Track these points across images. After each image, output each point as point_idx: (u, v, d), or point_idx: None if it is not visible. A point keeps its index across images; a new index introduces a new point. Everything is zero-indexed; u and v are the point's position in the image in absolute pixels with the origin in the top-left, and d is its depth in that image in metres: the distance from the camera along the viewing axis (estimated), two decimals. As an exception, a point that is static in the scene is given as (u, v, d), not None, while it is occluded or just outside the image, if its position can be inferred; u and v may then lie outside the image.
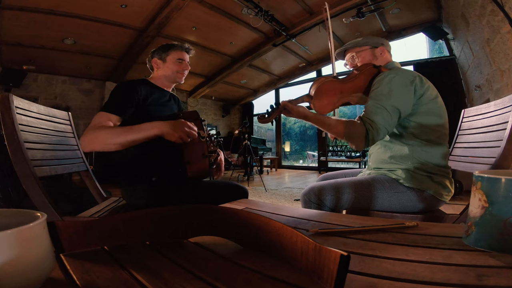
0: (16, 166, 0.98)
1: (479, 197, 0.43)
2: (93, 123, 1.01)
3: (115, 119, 1.04)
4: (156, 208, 0.46)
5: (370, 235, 0.51)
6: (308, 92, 1.10)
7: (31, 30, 4.18)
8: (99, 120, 1.02)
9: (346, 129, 1.00)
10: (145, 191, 1.13)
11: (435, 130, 1.05)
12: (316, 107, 1.07)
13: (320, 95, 1.06)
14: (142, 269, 0.37)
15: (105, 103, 1.08)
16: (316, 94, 1.05)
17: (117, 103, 1.07)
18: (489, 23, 2.86)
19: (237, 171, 6.82)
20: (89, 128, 1.00)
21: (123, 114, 1.06)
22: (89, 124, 1.02)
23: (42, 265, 0.31)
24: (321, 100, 1.06)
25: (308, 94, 1.09)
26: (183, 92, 7.82)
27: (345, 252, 0.28)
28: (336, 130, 1.03)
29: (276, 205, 0.83)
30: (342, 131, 1.01)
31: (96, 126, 1.00)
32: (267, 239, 0.40)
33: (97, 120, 1.02)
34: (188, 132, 1.02)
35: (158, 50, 1.28)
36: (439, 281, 0.33)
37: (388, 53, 1.20)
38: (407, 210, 1.04)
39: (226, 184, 1.31)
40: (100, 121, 1.02)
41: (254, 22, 4.66)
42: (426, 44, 8.81)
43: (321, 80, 1.09)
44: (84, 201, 2.07)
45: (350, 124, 1.01)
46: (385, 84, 1.02)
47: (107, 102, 1.08)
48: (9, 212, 0.35)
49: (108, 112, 1.04)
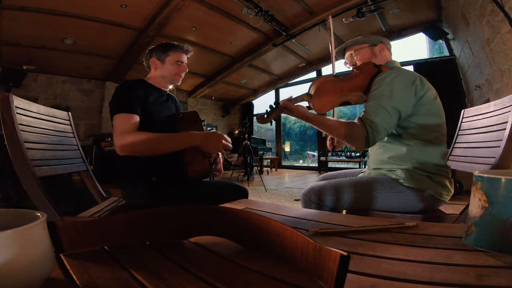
0: (16, 166, 0.98)
1: (479, 197, 0.43)
2: (121, 127, 1.03)
3: (135, 118, 1.06)
4: (156, 208, 0.46)
5: (370, 235, 0.51)
6: (308, 91, 1.10)
7: (31, 30, 4.18)
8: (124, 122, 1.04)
9: (346, 130, 1.00)
10: (145, 191, 1.13)
11: (434, 130, 1.05)
12: (315, 106, 1.06)
13: (320, 94, 1.06)
14: (142, 269, 0.37)
15: (117, 104, 1.08)
16: (316, 93, 1.05)
17: (129, 103, 1.08)
18: (489, 23, 2.86)
19: (237, 171, 6.82)
20: (120, 132, 1.02)
21: (138, 112, 1.08)
22: (116, 129, 1.04)
23: (42, 265, 0.31)
24: (321, 99, 1.06)
25: (308, 93, 1.09)
26: (183, 92, 7.82)
27: (345, 252, 0.28)
28: (336, 131, 1.02)
29: (276, 205, 0.83)
30: (343, 132, 1.01)
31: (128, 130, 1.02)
32: (267, 239, 0.40)
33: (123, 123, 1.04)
34: (226, 145, 1.04)
35: (156, 49, 1.25)
36: (439, 281, 0.33)
37: (388, 51, 1.20)
38: (407, 210, 1.04)
39: (226, 184, 1.31)
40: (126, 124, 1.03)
41: (254, 22, 4.66)
42: (426, 44, 8.81)
43: (321, 79, 1.09)
44: (84, 201, 2.07)
45: (350, 125, 1.01)
46: (386, 84, 1.02)
47: (119, 103, 1.08)
48: (9, 212, 0.34)
49: (126, 113, 1.05)
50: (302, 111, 1.03)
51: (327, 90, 1.07)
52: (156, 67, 1.25)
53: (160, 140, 1.03)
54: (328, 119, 1.06)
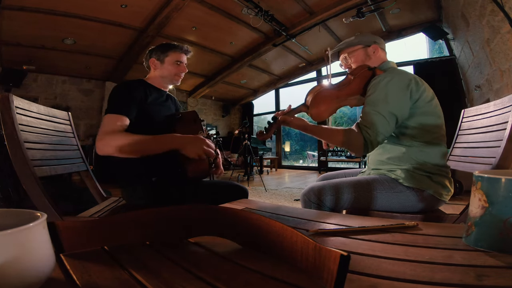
0: (16, 166, 0.98)
1: (479, 197, 0.43)
2: (106, 127, 1.02)
3: (124, 120, 1.05)
4: (156, 208, 0.46)
5: (370, 235, 0.51)
6: (304, 102, 1.11)
7: (31, 30, 4.18)
8: (110, 122, 1.02)
9: (344, 138, 1.01)
10: (145, 191, 1.13)
11: (433, 131, 1.05)
12: (313, 115, 1.07)
13: (317, 104, 1.07)
14: (142, 269, 0.37)
15: (110, 105, 1.07)
16: (313, 103, 1.06)
17: (122, 104, 1.07)
18: (489, 23, 2.86)
19: (237, 171, 6.82)
20: (104, 132, 1.00)
21: (129, 114, 1.07)
22: (101, 128, 1.02)
23: (42, 265, 0.31)
24: (318, 108, 1.07)
25: (304, 104, 1.10)
26: (183, 92, 7.82)
27: (345, 252, 0.28)
28: (335, 139, 1.03)
29: (276, 205, 0.83)
30: (341, 140, 1.01)
31: (112, 130, 1.01)
32: (267, 239, 0.40)
33: (109, 124, 1.02)
34: (206, 150, 1.03)
35: (156, 50, 1.25)
36: (439, 281, 0.33)
37: (382, 51, 1.18)
38: (407, 210, 1.04)
39: (226, 184, 1.31)
40: (112, 124, 1.02)
41: (254, 22, 4.66)
42: (426, 44, 8.80)
43: (316, 89, 1.10)
44: (84, 201, 2.06)
45: (348, 132, 1.01)
46: (380, 88, 1.02)
47: (112, 103, 1.07)
48: (9, 212, 0.34)
49: (116, 114, 1.04)
50: (300, 123, 1.04)
51: (323, 99, 1.08)
52: (155, 67, 1.25)
53: (138, 143, 1.00)
54: (326, 128, 1.06)
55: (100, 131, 1.02)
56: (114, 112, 1.04)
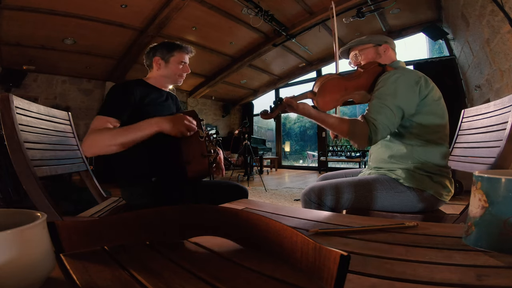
0: (16, 166, 0.98)
1: (479, 197, 0.43)
2: (92, 127, 1.02)
3: (113, 122, 1.04)
4: (156, 208, 0.46)
5: (370, 235, 0.51)
6: (312, 89, 1.09)
7: (31, 30, 4.18)
8: (98, 124, 1.03)
9: (350, 127, 1.00)
10: (145, 191, 1.13)
11: (436, 130, 1.05)
12: (319, 104, 1.06)
13: (324, 92, 1.05)
14: (142, 269, 0.37)
15: (102, 106, 1.08)
16: (320, 91, 1.05)
17: (113, 106, 1.07)
18: (489, 23, 2.85)
19: (237, 171, 6.82)
20: (88, 133, 1.01)
21: (120, 116, 1.06)
22: (89, 129, 1.02)
23: (42, 265, 0.31)
24: (324, 97, 1.05)
25: (311, 91, 1.08)
26: (183, 92, 7.82)
27: (345, 252, 0.28)
28: (339, 128, 1.02)
29: (276, 205, 0.83)
30: (346, 129, 1.01)
31: (95, 130, 1.01)
32: (267, 239, 0.40)
33: (95, 125, 1.03)
34: (188, 125, 1.02)
35: (161, 48, 1.23)
36: (439, 281, 0.33)
37: (392, 51, 1.20)
38: (407, 210, 1.04)
39: (226, 184, 1.30)
40: (98, 125, 1.02)
41: (254, 22, 4.66)
42: (426, 44, 8.80)
43: (325, 77, 1.08)
44: (84, 201, 2.07)
45: (353, 122, 1.00)
46: (390, 83, 1.02)
47: (104, 105, 1.08)
48: (9, 212, 0.35)
49: (105, 116, 1.04)
50: (305, 108, 1.02)
51: (331, 88, 1.07)
52: (159, 67, 1.24)
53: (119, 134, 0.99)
54: (331, 116, 1.05)
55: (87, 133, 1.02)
56: (104, 114, 1.05)
